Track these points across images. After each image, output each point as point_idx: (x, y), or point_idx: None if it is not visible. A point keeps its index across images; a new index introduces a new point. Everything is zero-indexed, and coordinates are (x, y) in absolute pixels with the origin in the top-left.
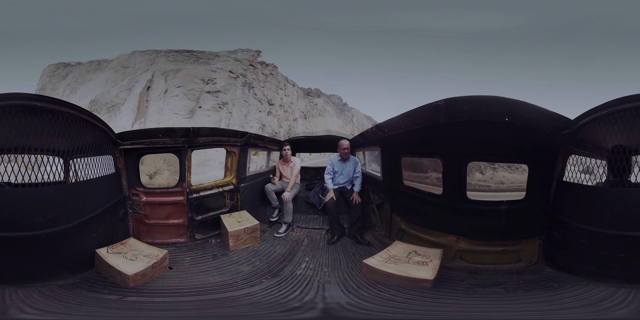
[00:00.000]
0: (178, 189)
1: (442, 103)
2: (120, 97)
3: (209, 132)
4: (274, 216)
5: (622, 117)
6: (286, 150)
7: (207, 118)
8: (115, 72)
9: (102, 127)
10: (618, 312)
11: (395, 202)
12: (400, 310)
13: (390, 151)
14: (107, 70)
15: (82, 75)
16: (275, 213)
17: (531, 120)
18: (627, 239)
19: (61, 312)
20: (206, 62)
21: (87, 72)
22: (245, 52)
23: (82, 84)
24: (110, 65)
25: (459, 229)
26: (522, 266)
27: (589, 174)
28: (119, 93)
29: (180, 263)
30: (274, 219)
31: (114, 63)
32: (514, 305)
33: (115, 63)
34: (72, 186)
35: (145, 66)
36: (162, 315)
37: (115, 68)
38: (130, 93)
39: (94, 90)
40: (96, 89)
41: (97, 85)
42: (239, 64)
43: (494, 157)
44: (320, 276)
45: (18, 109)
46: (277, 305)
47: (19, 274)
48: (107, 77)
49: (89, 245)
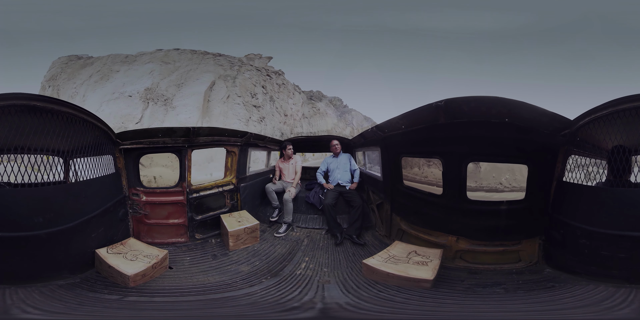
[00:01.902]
0: (178, 188)
1: (442, 103)
2: (169, 92)
3: (209, 132)
4: (274, 216)
5: (622, 117)
6: (289, 149)
7: (253, 128)
8: (161, 66)
9: (102, 127)
10: (618, 312)
11: (395, 202)
12: (399, 310)
13: (390, 151)
14: (139, 64)
15: (109, 66)
16: (275, 213)
17: (531, 120)
18: (627, 239)
19: (62, 312)
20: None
21: (113, 64)
22: (259, 59)
23: (115, 72)
24: (142, 59)
25: (459, 229)
26: (522, 266)
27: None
28: (167, 87)
29: (180, 263)
30: (274, 219)
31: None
32: (514, 305)
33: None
34: (72, 186)
35: (191, 65)
36: (162, 315)
37: (154, 61)
38: (179, 89)
39: (138, 79)
40: (138, 79)
41: (139, 75)
42: (259, 75)
43: (494, 158)
44: (319, 276)
45: (18, 109)
46: (276, 305)
47: (19, 274)
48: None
49: (89, 245)
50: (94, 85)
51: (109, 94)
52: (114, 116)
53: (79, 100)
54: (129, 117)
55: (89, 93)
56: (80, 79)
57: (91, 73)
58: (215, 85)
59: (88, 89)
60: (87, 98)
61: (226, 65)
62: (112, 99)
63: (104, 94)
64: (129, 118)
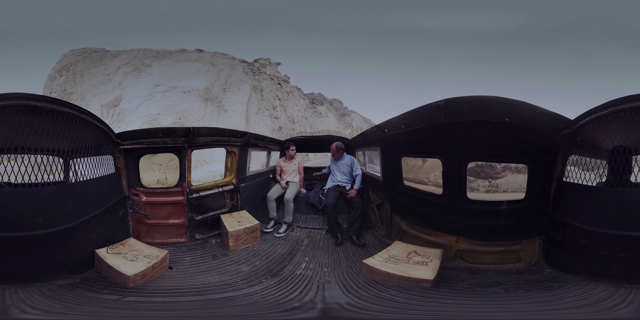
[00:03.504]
0: (178, 188)
1: (442, 103)
2: (220, 95)
3: (209, 132)
4: (269, 227)
5: (622, 117)
6: (292, 150)
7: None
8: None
9: (102, 127)
10: (618, 312)
11: (395, 202)
12: (400, 310)
13: (390, 151)
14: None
15: (140, 59)
16: (270, 224)
17: (531, 120)
18: (627, 239)
19: (62, 312)
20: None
21: (145, 58)
22: (269, 64)
23: (147, 66)
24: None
25: (459, 229)
26: (522, 266)
27: None
28: (219, 90)
29: (180, 263)
30: (268, 231)
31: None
32: (514, 305)
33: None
34: (72, 186)
35: (228, 70)
36: (162, 315)
37: (202, 61)
38: (225, 94)
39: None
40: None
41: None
42: (273, 84)
43: (494, 157)
44: (320, 276)
45: (17, 109)
46: (276, 305)
47: (19, 274)
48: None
49: (89, 245)
50: (131, 74)
51: (153, 86)
52: (168, 110)
53: (112, 86)
54: (186, 113)
55: (127, 81)
56: (108, 67)
57: (119, 64)
58: (250, 96)
59: (126, 78)
60: (128, 86)
61: (250, 73)
62: (160, 92)
63: (148, 86)
64: (186, 114)
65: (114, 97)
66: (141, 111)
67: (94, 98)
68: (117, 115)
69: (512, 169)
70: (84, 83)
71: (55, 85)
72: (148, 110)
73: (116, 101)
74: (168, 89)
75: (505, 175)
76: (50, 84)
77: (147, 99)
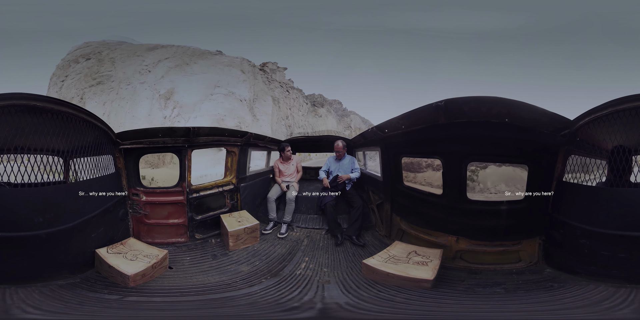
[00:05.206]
0: (178, 188)
1: (442, 104)
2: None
3: (209, 132)
4: (267, 229)
5: (622, 117)
6: (288, 151)
7: None
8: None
9: (102, 127)
10: (618, 312)
11: (395, 202)
12: (399, 310)
13: (390, 151)
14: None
15: (180, 57)
16: (269, 226)
17: (531, 120)
18: (627, 239)
19: (62, 311)
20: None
21: (184, 55)
22: (276, 69)
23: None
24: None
25: (459, 229)
26: (522, 266)
27: None
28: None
29: (180, 263)
30: (267, 232)
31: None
32: (514, 305)
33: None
34: (72, 186)
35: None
36: (162, 315)
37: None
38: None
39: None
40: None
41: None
42: (282, 91)
43: (494, 158)
44: (319, 276)
45: (17, 109)
46: (276, 305)
47: (19, 274)
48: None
49: (89, 245)
50: (174, 69)
51: (211, 86)
52: (231, 113)
53: (153, 77)
54: (243, 120)
55: (173, 76)
56: (146, 59)
57: (159, 58)
58: (272, 108)
59: (170, 72)
60: (176, 80)
61: (267, 82)
62: (222, 94)
63: (204, 85)
64: (243, 120)
65: (166, 88)
66: (205, 109)
67: (142, 86)
68: (174, 109)
69: (434, 167)
70: (125, 68)
71: (80, 68)
72: (215, 109)
73: (169, 93)
74: (228, 93)
75: (426, 171)
76: (62, 71)
77: (206, 98)
